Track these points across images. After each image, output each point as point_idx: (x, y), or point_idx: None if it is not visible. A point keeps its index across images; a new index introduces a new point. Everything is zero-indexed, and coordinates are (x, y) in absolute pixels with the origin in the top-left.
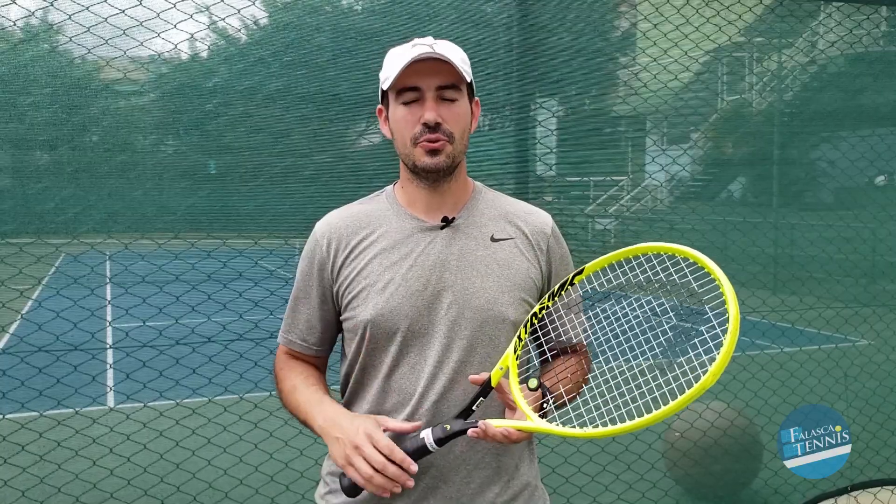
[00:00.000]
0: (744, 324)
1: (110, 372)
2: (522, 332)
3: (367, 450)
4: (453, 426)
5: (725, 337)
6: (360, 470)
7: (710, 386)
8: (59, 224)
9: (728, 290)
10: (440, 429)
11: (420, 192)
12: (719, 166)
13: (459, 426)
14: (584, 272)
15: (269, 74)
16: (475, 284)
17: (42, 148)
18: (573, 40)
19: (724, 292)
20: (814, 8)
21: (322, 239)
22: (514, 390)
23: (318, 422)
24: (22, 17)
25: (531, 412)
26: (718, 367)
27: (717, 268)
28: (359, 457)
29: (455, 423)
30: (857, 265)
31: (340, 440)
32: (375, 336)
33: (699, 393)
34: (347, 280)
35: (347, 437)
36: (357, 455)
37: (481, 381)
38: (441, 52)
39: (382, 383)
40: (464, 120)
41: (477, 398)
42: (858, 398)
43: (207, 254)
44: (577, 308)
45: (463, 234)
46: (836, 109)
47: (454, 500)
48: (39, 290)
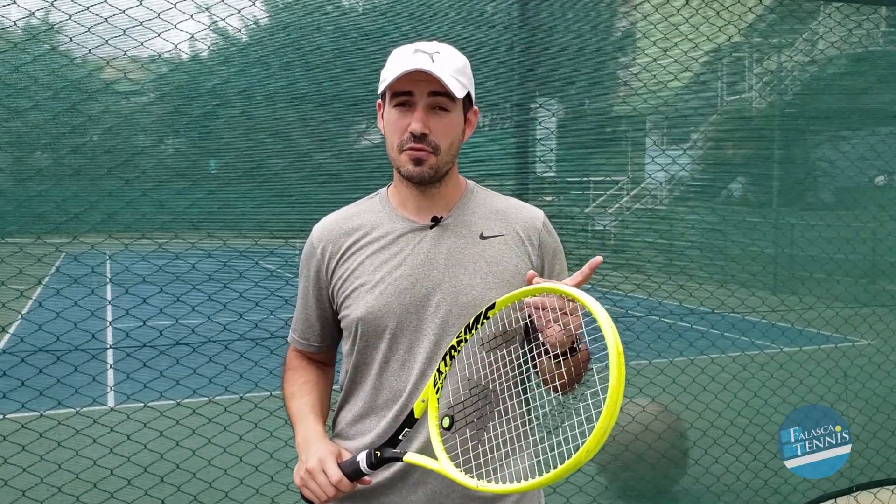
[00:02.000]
0: (743, 324)
1: (110, 372)
2: (442, 366)
3: (319, 477)
4: (384, 453)
5: (604, 405)
6: (311, 490)
7: (588, 459)
8: (60, 224)
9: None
10: (372, 454)
11: (411, 194)
12: (719, 166)
13: (389, 454)
14: (496, 307)
15: (269, 74)
16: (463, 282)
17: (43, 148)
18: (574, 40)
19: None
20: (814, 8)
21: (317, 242)
22: (430, 427)
23: (298, 437)
24: (22, 17)
25: (441, 453)
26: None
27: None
28: (311, 479)
29: (386, 451)
30: (857, 265)
31: (301, 462)
32: (366, 333)
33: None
34: (341, 280)
35: (306, 459)
36: (309, 478)
37: None
38: (438, 65)
39: (375, 380)
40: (453, 132)
41: (402, 429)
42: (858, 398)
43: (207, 254)
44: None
45: (452, 232)
46: (837, 109)
47: (442, 495)
48: (40, 290)
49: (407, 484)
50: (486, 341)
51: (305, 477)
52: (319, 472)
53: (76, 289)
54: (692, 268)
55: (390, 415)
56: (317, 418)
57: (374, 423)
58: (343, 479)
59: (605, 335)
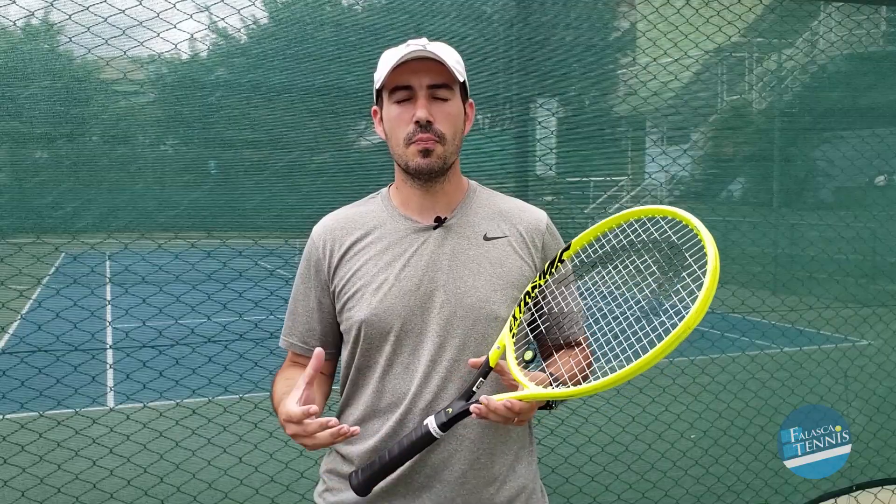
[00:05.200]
0: (744, 324)
1: (110, 372)
2: (517, 312)
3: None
4: (455, 408)
5: (705, 278)
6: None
7: (695, 325)
8: (57, 219)
9: (707, 238)
10: (443, 413)
11: (414, 193)
12: (719, 166)
13: (461, 407)
14: (571, 247)
15: (269, 74)
16: (467, 283)
17: (40, 141)
18: (573, 40)
19: (701, 239)
20: (814, 8)
21: (318, 241)
22: (510, 366)
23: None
24: (23, 17)
25: (527, 381)
26: (702, 306)
27: (695, 218)
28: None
29: (456, 405)
30: (858, 265)
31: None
32: (369, 336)
33: (686, 332)
34: (343, 281)
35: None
36: (291, 432)
37: (480, 364)
38: (433, 52)
39: (377, 384)
40: (456, 120)
41: (477, 379)
42: (859, 398)
43: (207, 253)
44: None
45: (455, 233)
46: (837, 109)
47: (448, 500)
48: (39, 290)
49: (411, 489)
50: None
51: (291, 431)
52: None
53: (75, 289)
54: None
55: (393, 419)
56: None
57: (377, 428)
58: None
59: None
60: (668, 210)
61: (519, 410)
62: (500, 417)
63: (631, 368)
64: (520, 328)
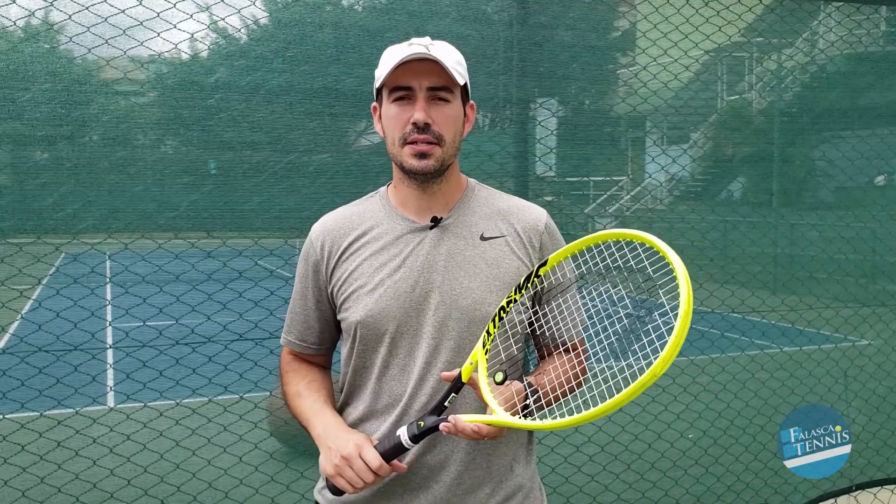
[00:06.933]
0: (743, 323)
1: (110, 372)
2: (491, 327)
3: (357, 463)
4: (426, 422)
5: (676, 322)
6: (347, 478)
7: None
8: (58, 221)
9: (681, 275)
10: (414, 426)
11: (411, 193)
12: (719, 166)
13: (432, 422)
14: (547, 263)
15: (269, 73)
16: (462, 285)
17: (41, 143)
18: (573, 40)
19: (676, 276)
20: (814, 8)
21: (316, 241)
22: (481, 387)
23: (317, 430)
24: (22, 16)
25: (496, 406)
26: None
27: (671, 251)
28: (347, 467)
29: (428, 420)
30: (858, 265)
31: (332, 450)
32: (366, 337)
33: (651, 380)
34: (340, 281)
35: (338, 447)
36: (346, 465)
37: (452, 378)
38: (435, 54)
39: (374, 384)
40: (455, 123)
41: (448, 394)
42: (858, 398)
43: (207, 254)
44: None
45: (452, 233)
46: (837, 109)
47: (444, 500)
48: (39, 289)
49: (408, 489)
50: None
51: (341, 464)
52: (357, 458)
53: (76, 289)
54: (692, 268)
55: (391, 419)
56: (334, 412)
57: (375, 428)
58: (383, 464)
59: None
60: (647, 238)
61: (486, 434)
62: (468, 437)
63: (592, 413)
64: (493, 344)
